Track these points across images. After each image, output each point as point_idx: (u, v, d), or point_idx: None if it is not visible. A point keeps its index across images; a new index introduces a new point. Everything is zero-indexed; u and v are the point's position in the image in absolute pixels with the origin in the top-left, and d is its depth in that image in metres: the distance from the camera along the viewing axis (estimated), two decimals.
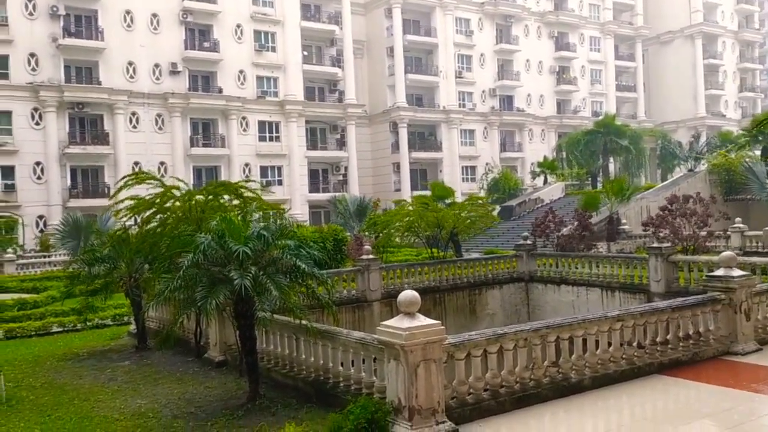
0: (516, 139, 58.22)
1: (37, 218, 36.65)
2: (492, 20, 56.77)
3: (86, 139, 38.74)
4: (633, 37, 67.55)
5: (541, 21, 59.96)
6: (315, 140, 48.28)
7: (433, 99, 53.94)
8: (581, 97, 62.63)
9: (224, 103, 42.50)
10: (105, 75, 39.07)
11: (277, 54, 45.25)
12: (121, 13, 39.66)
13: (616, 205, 29.38)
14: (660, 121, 67.31)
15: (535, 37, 59.71)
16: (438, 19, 53.43)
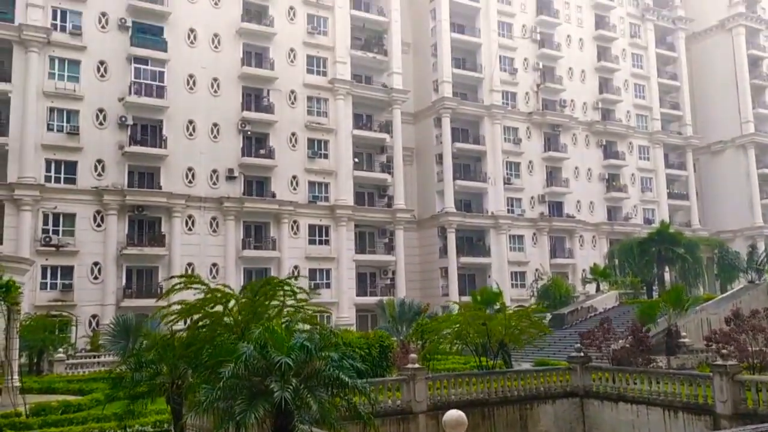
0: (566, 245, 57.48)
1: (91, 317, 37.39)
2: (540, 129, 57.72)
3: (143, 241, 40.03)
4: (683, 146, 67.37)
5: (589, 130, 60.61)
6: (363, 244, 48.68)
7: (481, 204, 54.22)
8: (632, 205, 61.97)
9: (277, 207, 43.62)
10: (165, 179, 40.83)
11: (329, 161, 46.70)
12: (184, 122, 41.96)
13: (674, 316, 28.21)
14: (715, 229, 65.70)
15: (584, 146, 60.20)
16: (486, 127, 54.64)
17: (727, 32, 69.68)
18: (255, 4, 45.52)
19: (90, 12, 39.90)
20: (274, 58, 45.43)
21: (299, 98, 46.22)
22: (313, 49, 47.15)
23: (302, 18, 46.97)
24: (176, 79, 41.84)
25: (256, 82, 44.84)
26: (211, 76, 43.16)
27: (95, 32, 39.95)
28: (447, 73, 52.80)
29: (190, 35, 42.80)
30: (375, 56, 50.05)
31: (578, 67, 60.92)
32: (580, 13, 62.10)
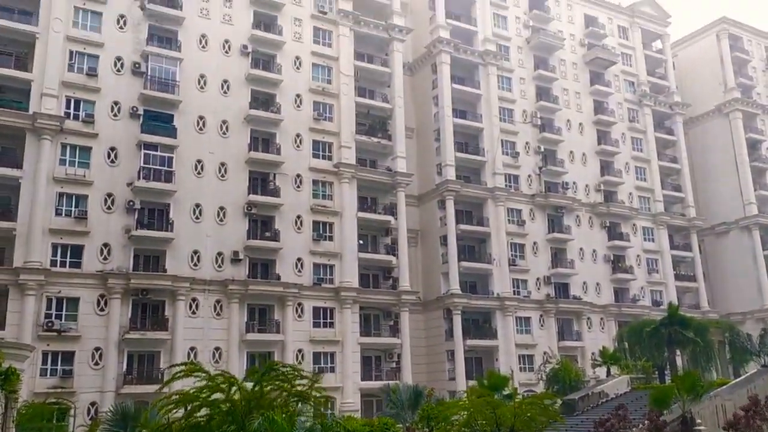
0: (574, 328, 56.68)
1: (90, 405, 36.54)
2: (543, 211, 58.12)
3: (146, 325, 39.65)
4: (687, 227, 67.53)
5: (593, 212, 61.00)
6: (368, 327, 48.12)
7: (486, 286, 53.91)
8: (639, 286, 61.49)
9: (281, 290, 43.44)
10: (170, 263, 40.91)
11: (334, 243, 46.88)
12: (191, 206, 42.47)
13: (688, 403, 27.39)
14: (725, 311, 64.88)
15: (587, 227, 60.43)
16: (490, 209, 55.09)
17: (724, 117, 71.37)
18: (263, 93, 46.97)
19: (103, 101, 41.20)
20: (281, 143, 46.45)
21: (305, 182, 46.92)
22: (318, 135, 48.28)
23: (308, 105, 48.34)
24: (184, 164, 42.69)
25: (262, 166, 45.68)
26: (219, 161, 44.02)
27: (107, 120, 41.12)
28: (450, 156, 53.76)
29: (199, 122, 43.98)
30: (379, 141, 51.15)
31: (579, 151, 61.99)
32: (578, 99, 63.81)
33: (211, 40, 45.59)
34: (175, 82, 43.30)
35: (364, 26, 52.10)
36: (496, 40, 59.21)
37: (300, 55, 48.85)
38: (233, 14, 46.85)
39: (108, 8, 42.54)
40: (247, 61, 46.49)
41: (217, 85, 45.09)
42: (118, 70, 42.05)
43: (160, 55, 43.26)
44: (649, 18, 71.47)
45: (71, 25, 41.25)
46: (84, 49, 41.36)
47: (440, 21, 56.08)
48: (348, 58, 50.54)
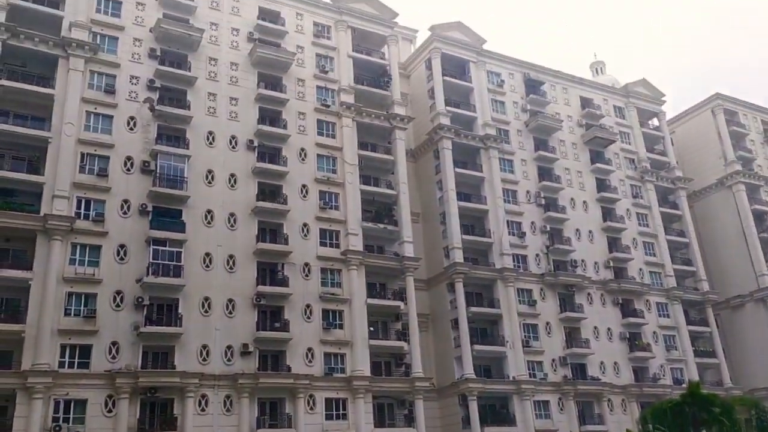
0: (595, 410, 54.95)
1: None
2: (554, 290, 57.62)
3: (155, 425, 38.62)
4: (701, 302, 66.56)
5: (604, 289, 60.42)
6: (382, 417, 46.77)
7: (501, 369, 52.75)
8: (658, 364, 59.98)
9: (292, 382, 42.59)
10: (179, 358, 40.38)
11: (344, 331, 46.37)
12: (200, 300, 42.41)
13: None
14: (748, 387, 62.90)
15: (600, 305, 59.70)
16: (500, 290, 54.68)
17: (728, 189, 71.88)
18: (269, 184, 47.78)
19: (113, 200, 41.94)
20: (288, 233, 46.82)
21: (313, 270, 46.92)
22: (325, 223, 48.71)
23: (314, 194, 49.07)
24: (193, 258, 42.93)
25: (270, 256, 45.85)
26: (227, 254, 44.26)
27: (117, 218, 41.72)
28: (457, 239, 53.93)
29: (207, 216, 44.56)
30: (386, 227, 51.48)
31: (585, 228, 62.12)
32: (581, 177, 64.57)
33: (219, 137, 46.88)
34: (184, 179, 44.21)
35: (366, 117, 53.60)
36: (495, 124, 60.66)
37: (305, 146, 50.04)
38: (239, 111, 48.40)
39: (119, 111, 44.05)
40: (254, 155, 47.58)
41: (224, 179, 46.00)
42: (128, 169, 43.06)
43: (169, 153, 44.38)
44: (643, 97, 73.32)
45: (83, 128, 42.58)
46: (95, 151, 42.53)
47: (440, 108, 57.68)
48: (352, 147, 51.73)
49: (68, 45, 43.17)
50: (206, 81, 47.87)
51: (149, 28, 46.80)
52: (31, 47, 42.68)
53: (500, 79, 63.79)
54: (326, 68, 53.54)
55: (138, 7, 47.19)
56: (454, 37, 61.28)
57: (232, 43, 50.17)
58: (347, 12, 55.81)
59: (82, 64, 43.48)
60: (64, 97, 42.33)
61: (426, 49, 60.81)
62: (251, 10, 51.92)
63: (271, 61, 50.43)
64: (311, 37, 53.97)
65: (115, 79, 44.66)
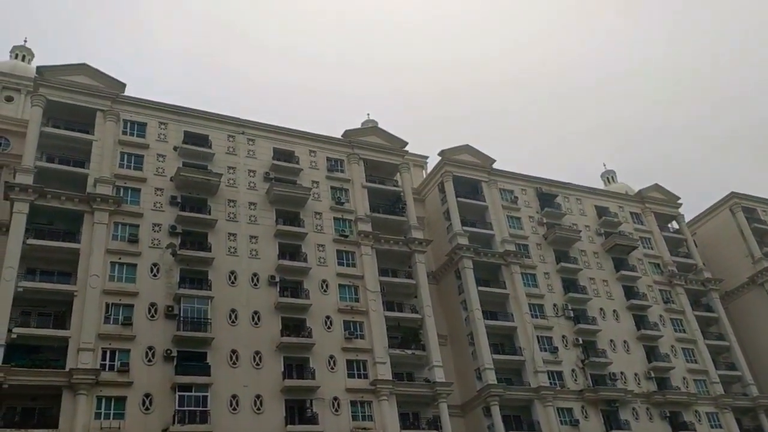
0: None
1: None
2: (595, 407, 54.81)
3: None
4: (753, 407, 62.80)
5: (648, 402, 57.49)
6: None
7: None
8: None
9: None
10: None
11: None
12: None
13: None
14: None
15: (647, 419, 56.46)
16: (538, 412, 52.18)
17: (760, 287, 70.01)
18: (293, 319, 47.43)
19: (137, 348, 41.67)
20: (315, 367, 45.84)
21: (342, 404, 45.43)
22: (351, 354, 47.77)
23: (339, 325, 48.54)
24: (220, 402, 41.86)
25: (298, 393, 44.62)
26: (254, 394, 43.15)
27: (142, 366, 41.24)
28: (487, 359, 52.34)
29: (233, 356, 43.95)
30: (413, 352, 50.29)
31: (619, 338, 60.21)
32: (607, 286, 63.48)
33: (240, 275, 47.30)
34: (207, 320, 44.13)
35: (385, 243, 54.09)
36: (514, 240, 60.76)
37: (326, 278, 50.20)
38: (260, 248, 49.14)
39: (142, 259, 44.93)
40: (276, 291, 47.70)
41: (248, 317, 45.84)
42: (152, 315, 43.18)
43: (192, 296, 44.62)
44: (659, 202, 73.60)
45: (107, 279, 43.29)
46: (120, 300, 42.91)
47: (457, 229, 58.16)
48: (373, 274, 51.79)
49: (93, 200, 44.92)
50: (226, 222, 49.10)
51: (170, 177, 48.78)
52: (58, 206, 44.43)
53: (513, 195, 64.73)
54: (342, 200, 54.86)
55: (159, 159, 49.49)
56: (463, 159, 63.01)
57: (250, 184, 51.93)
58: (358, 145, 58.03)
59: (106, 216, 44.98)
60: (90, 250, 43.42)
61: (438, 173, 62.40)
62: (266, 151, 54.19)
63: (287, 198, 51.89)
64: (325, 171, 55.83)
65: (138, 228, 45.96)
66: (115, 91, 50.18)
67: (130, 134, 49.71)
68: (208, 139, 52.32)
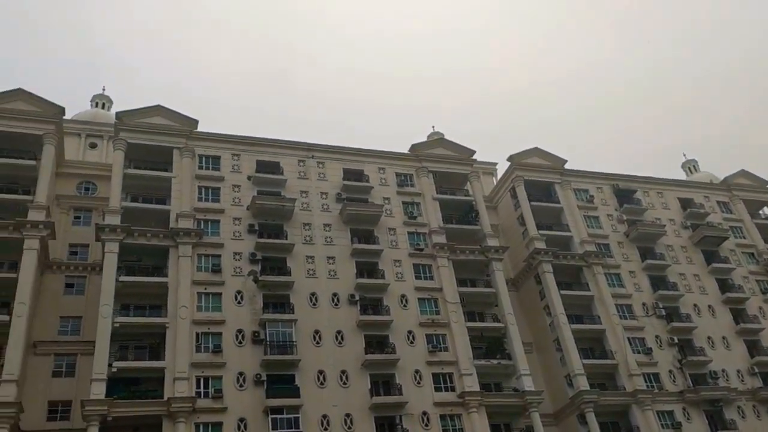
0: None
1: None
2: (698, 407, 52.32)
3: None
4: None
5: (755, 399, 54.36)
6: None
7: None
8: None
9: None
10: None
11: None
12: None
13: None
14: None
15: (754, 418, 53.50)
16: (637, 416, 50.12)
17: None
18: (375, 336, 47.62)
19: (229, 374, 42.88)
20: (401, 383, 45.82)
21: (432, 419, 45.17)
22: (436, 367, 47.51)
23: (421, 339, 48.39)
24: (310, 423, 42.50)
25: (386, 410, 44.65)
26: (343, 413, 43.56)
27: (234, 392, 42.36)
28: (577, 365, 50.85)
29: (319, 377, 44.57)
30: (499, 362, 49.54)
31: (717, 334, 57.30)
32: (699, 281, 60.64)
33: (321, 296, 48.02)
34: (293, 343, 44.97)
35: (461, 254, 53.71)
36: (593, 240, 59.07)
37: (405, 292, 50.27)
38: (337, 269, 49.78)
39: (226, 287, 46.32)
40: (356, 309, 48.14)
41: (331, 337, 46.42)
42: (240, 342, 44.37)
43: (276, 320, 45.62)
44: (747, 188, 69.91)
45: (195, 309, 44.86)
46: (208, 329, 44.34)
47: (533, 233, 57.07)
48: (451, 286, 51.48)
49: (176, 235, 46.78)
50: (303, 245, 50.06)
51: (246, 206, 50.26)
52: (145, 242, 46.51)
53: (588, 194, 63.04)
54: (414, 214, 54.95)
55: (234, 189, 51.12)
56: (533, 162, 61.96)
57: (323, 206, 52.83)
58: (426, 158, 58.10)
59: (189, 249, 46.71)
60: (177, 283, 45.15)
61: (508, 179, 61.58)
62: (336, 173, 55.07)
63: (361, 217, 52.43)
64: (395, 187, 56.15)
65: (221, 258, 47.47)
66: (189, 128, 52.32)
67: (205, 168, 51.63)
68: (280, 165, 53.68)
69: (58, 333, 44.59)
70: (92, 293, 45.48)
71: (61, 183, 50.75)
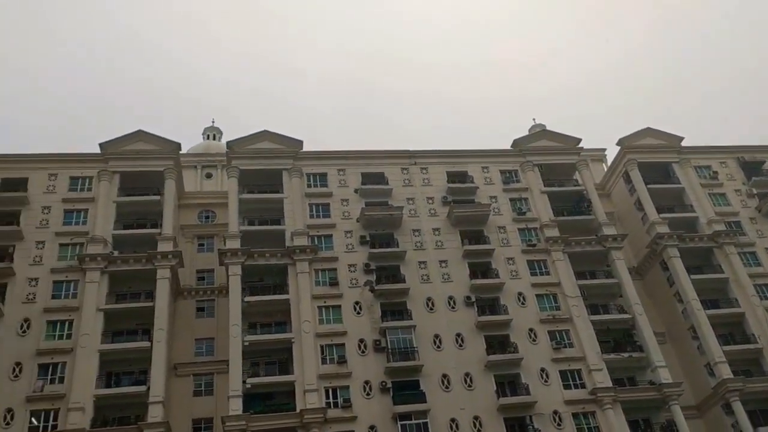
0: None
1: None
2: None
3: None
4: None
5: None
6: None
7: None
8: None
9: None
10: None
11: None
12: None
13: None
14: None
15: None
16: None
17: None
18: (495, 336, 47.02)
19: (355, 383, 43.80)
20: (528, 382, 44.95)
21: (564, 417, 43.94)
22: (563, 364, 46.20)
23: (544, 336, 47.29)
24: (439, 427, 42.55)
25: (515, 410, 43.91)
26: (471, 415, 43.27)
27: (362, 400, 43.23)
28: (717, 352, 47.71)
29: (444, 380, 44.60)
30: (630, 355, 47.38)
31: None
32: None
33: (437, 301, 48.07)
34: (414, 349, 45.26)
35: (576, 246, 52.04)
36: (722, 218, 55.35)
37: (521, 290, 49.33)
38: (450, 272, 49.68)
39: (344, 299, 47.41)
40: (473, 311, 47.74)
41: (451, 340, 46.33)
42: (362, 351, 45.22)
43: (396, 327, 46.12)
44: None
45: (317, 322, 46.20)
46: (331, 341, 45.55)
47: (653, 218, 54.24)
48: (569, 280, 49.96)
49: (293, 252, 48.47)
50: (414, 251, 50.35)
51: (356, 219, 51.30)
52: (264, 262, 48.51)
53: (711, 171, 59.19)
54: (523, 209, 53.89)
55: (343, 203, 52.32)
56: (646, 144, 59.02)
57: (430, 211, 52.94)
58: (530, 152, 56.89)
59: (307, 265, 48.23)
60: (298, 299, 46.74)
61: (620, 164, 58.98)
62: (440, 176, 55.06)
63: (469, 218, 52.08)
64: (501, 184, 55.35)
65: (336, 272, 48.69)
66: (295, 149, 54.20)
67: (314, 186, 53.25)
68: (384, 175, 54.41)
69: (195, 354, 47.27)
70: (221, 315, 47.93)
71: (184, 213, 53.99)
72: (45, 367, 42.17)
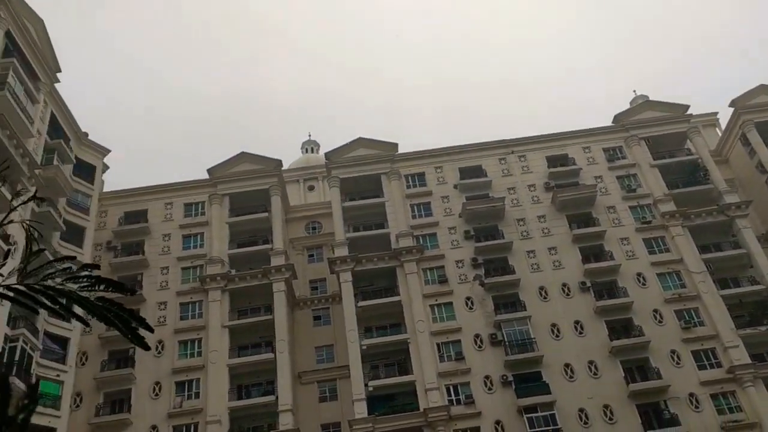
0: None
1: None
2: None
3: None
4: None
5: None
6: None
7: None
8: None
9: None
10: None
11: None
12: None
13: None
14: None
15: None
16: None
17: None
18: (617, 321, 45.25)
19: (475, 379, 43.41)
20: (658, 366, 42.91)
21: (702, 400, 41.60)
22: (695, 344, 43.78)
23: (670, 317, 45.00)
24: (567, 418, 41.42)
25: (648, 396, 42.00)
26: (601, 404, 41.82)
27: (484, 395, 42.79)
28: None
29: (567, 370, 43.35)
30: None
31: None
32: None
33: (550, 289, 46.85)
34: (531, 340, 44.33)
35: (696, 218, 49.14)
36: None
37: (640, 270, 47.16)
38: (561, 258, 48.26)
39: (455, 296, 47.17)
40: (590, 296, 46.14)
41: (570, 328, 44.99)
42: (479, 346, 44.80)
43: (511, 320, 45.37)
44: None
45: (431, 321, 46.26)
46: (447, 339, 45.43)
47: None
48: (693, 254, 47.28)
49: (400, 254, 48.83)
50: (521, 241, 49.34)
51: (458, 214, 50.95)
52: (373, 267, 49.17)
53: None
54: (632, 186, 51.54)
55: (443, 200, 52.14)
56: (761, 102, 54.76)
57: (533, 199, 51.72)
58: (634, 126, 54.33)
59: (414, 266, 48.44)
60: (410, 300, 47.01)
61: (735, 126, 55.00)
62: (539, 162, 53.68)
63: (574, 201, 50.45)
64: (605, 163, 53.22)
65: (444, 269, 48.55)
66: (391, 152, 54.63)
67: (413, 186, 53.42)
68: (482, 168, 53.74)
69: (316, 362, 48.62)
70: (337, 322, 49.02)
71: (292, 227, 55.73)
72: (181, 384, 44.81)
